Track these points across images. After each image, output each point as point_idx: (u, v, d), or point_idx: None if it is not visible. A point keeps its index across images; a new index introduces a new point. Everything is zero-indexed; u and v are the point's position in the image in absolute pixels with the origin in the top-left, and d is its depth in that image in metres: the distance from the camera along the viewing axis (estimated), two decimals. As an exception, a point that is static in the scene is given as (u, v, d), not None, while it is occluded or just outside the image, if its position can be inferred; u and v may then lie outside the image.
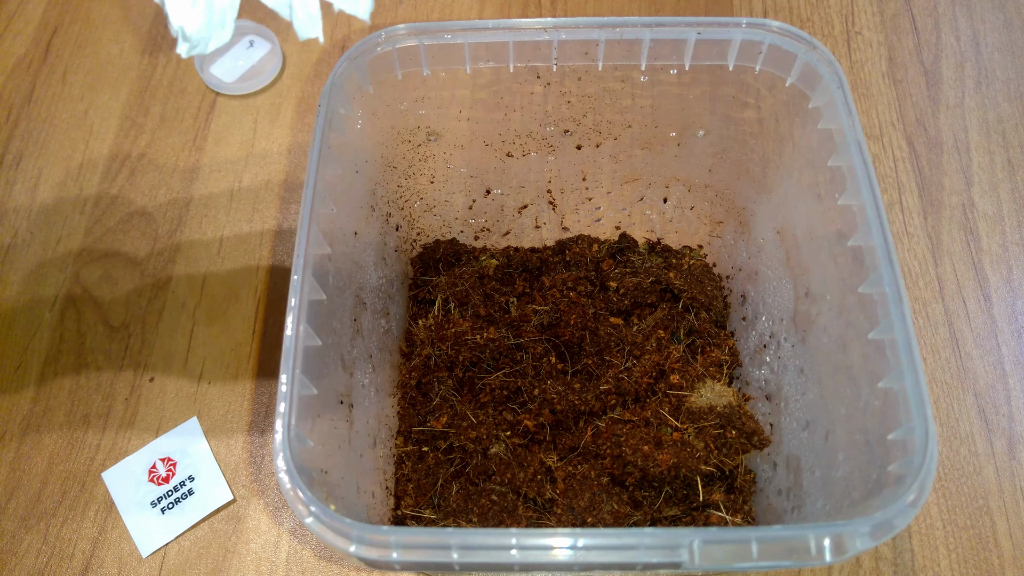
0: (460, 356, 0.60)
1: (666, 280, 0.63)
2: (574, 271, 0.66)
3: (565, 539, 0.36)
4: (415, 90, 0.56)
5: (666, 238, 0.68)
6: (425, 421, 0.58)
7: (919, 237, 0.69)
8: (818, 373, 0.51)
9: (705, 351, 0.61)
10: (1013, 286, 0.67)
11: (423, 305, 0.65)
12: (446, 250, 0.67)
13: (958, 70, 0.78)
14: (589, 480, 0.55)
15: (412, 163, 0.62)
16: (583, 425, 0.58)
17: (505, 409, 0.58)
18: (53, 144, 0.75)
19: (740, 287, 0.64)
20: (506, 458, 0.56)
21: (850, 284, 0.46)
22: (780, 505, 0.52)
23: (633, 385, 0.58)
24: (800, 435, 0.52)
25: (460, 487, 0.55)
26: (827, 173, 0.49)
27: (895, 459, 0.40)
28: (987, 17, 0.81)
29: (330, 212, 0.48)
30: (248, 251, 0.69)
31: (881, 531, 0.36)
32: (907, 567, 0.56)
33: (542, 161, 0.63)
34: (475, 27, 0.51)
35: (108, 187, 0.72)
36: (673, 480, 0.54)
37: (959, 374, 0.63)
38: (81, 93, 0.78)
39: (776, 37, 0.51)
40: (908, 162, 0.72)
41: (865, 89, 0.77)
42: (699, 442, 0.54)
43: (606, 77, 0.56)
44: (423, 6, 0.83)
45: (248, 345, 0.65)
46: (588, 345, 0.60)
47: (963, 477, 0.59)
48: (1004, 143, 0.74)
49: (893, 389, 0.41)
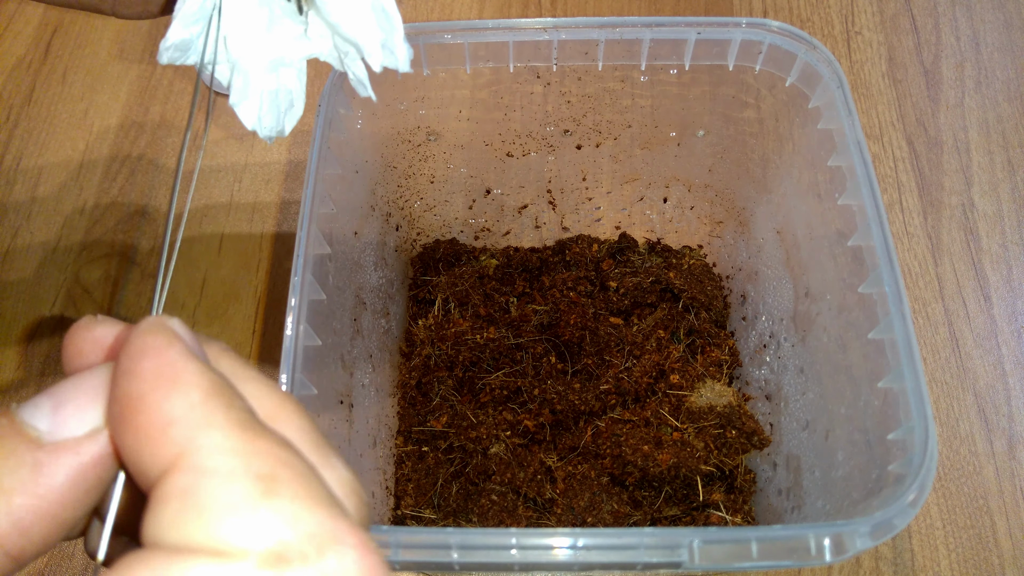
0: (460, 356, 0.60)
1: (666, 280, 0.63)
2: (574, 271, 0.66)
3: (565, 539, 0.36)
4: (415, 90, 0.56)
5: (666, 238, 0.68)
6: (425, 421, 0.58)
7: (919, 237, 0.69)
8: (818, 373, 0.51)
9: (705, 351, 0.61)
10: (1013, 286, 0.67)
11: (423, 305, 0.65)
12: (446, 250, 0.67)
13: (958, 70, 0.78)
14: (589, 480, 0.55)
15: (412, 163, 0.62)
16: (583, 425, 0.58)
17: (505, 409, 0.58)
18: (53, 144, 0.75)
19: (740, 287, 0.64)
20: (506, 458, 0.56)
21: (850, 284, 0.46)
22: (780, 505, 0.52)
23: (633, 385, 0.58)
24: (800, 435, 0.52)
25: (460, 487, 0.55)
26: (827, 173, 0.49)
27: (895, 459, 0.40)
28: (987, 17, 0.81)
29: (330, 212, 0.48)
30: (248, 251, 0.69)
31: (881, 531, 0.36)
32: (907, 567, 0.56)
33: (542, 161, 0.63)
34: (475, 27, 0.51)
35: (108, 187, 0.72)
36: (673, 480, 0.54)
37: (959, 374, 0.63)
38: (81, 93, 0.78)
39: (776, 37, 0.51)
40: (908, 162, 0.72)
41: (865, 89, 0.77)
42: (699, 442, 0.54)
43: (606, 77, 0.56)
44: (423, 6, 0.83)
45: (248, 345, 0.65)
46: (588, 345, 0.60)
47: (963, 477, 0.59)
48: (1004, 143, 0.74)
49: (893, 389, 0.41)
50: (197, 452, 0.17)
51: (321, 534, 0.17)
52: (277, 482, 0.17)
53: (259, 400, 0.20)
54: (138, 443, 0.18)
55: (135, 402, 0.18)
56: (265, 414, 0.20)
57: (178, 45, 0.32)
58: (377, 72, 0.35)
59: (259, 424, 0.19)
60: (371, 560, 0.17)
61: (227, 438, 0.18)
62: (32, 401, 0.20)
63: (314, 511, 0.17)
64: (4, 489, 0.18)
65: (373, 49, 0.34)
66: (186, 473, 0.17)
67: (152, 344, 0.19)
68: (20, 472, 0.18)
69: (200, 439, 0.18)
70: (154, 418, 0.18)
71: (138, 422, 0.18)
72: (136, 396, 0.18)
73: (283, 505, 0.17)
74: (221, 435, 0.18)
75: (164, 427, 0.18)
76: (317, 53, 0.36)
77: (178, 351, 0.19)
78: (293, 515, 0.17)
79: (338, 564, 0.17)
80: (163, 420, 0.18)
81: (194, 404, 0.18)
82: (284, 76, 0.36)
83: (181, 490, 0.17)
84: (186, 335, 0.20)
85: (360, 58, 0.36)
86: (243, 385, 0.20)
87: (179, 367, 0.19)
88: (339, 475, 0.20)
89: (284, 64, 0.35)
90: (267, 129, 0.36)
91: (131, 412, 0.18)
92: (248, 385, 0.21)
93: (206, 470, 0.17)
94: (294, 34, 0.35)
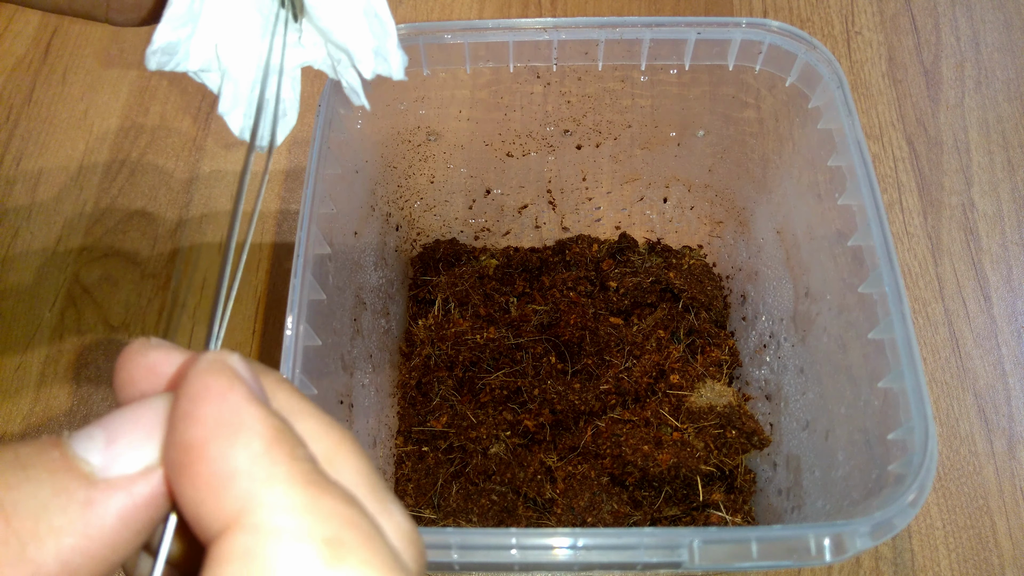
0: (460, 356, 0.60)
1: (666, 280, 0.63)
2: (574, 271, 0.66)
3: (565, 539, 0.36)
4: (415, 90, 0.56)
5: (666, 238, 0.68)
6: (425, 421, 0.58)
7: (919, 237, 0.69)
8: (818, 373, 0.51)
9: (705, 351, 0.61)
10: (1013, 286, 0.67)
11: (423, 305, 0.65)
12: (446, 250, 0.67)
13: (958, 70, 0.78)
14: (589, 480, 0.55)
15: (412, 163, 0.62)
16: (583, 425, 0.58)
17: (505, 409, 0.58)
18: (53, 144, 0.75)
19: (740, 287, 0.64)
20: (506, 458, 0.56)
21: (850, 284, 0.46)
22: (780, 505, 0.52)
23: (633, 385, 0.58)
24: (800, 435, 0.52)
25: (460, 487, 0.55)
26: (827, 173, 0.49)
27: (895, 459, 0.40)
28: (987, 17, 0.81)
29: (330, 212, 0.48)
30: (248, 251, 0.69)
31: (881, 531, 0.36)
32: (907, 567, 0.56)
33: (542, 161, 0.63)
34: (475, 27, 0.51)
35: (108, 187, 0.72)
36: (673, 480, 0.54)
37: (959, 374, 0.63)
38: (81, 93, 0.78)
39: (776, 37, 0.51)
40: (908, 162, 0.72)
41: (865, 89, 0.77)
42: (699, 442, 0.54)
43: (606, 77, 0.56)
44: (423, 6, 0.83)
45: (248, 345, 0.65)
46: (588, 345, 0.60)
47: (963, 477, 0.59)
48: (1004, 143, 0.74)
49: (893, 389, 0.41)
50: (260, 509, 0.17)
51: None
52: (343, 548, 0.17)
53: (317, 441, 0.19)
54: (198, 494, 0.17)
55: (195, 451, 0.18)
56: (323, 456, 0.19)
57: (165, 48, 0.32)
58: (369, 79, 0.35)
59: (322, 477, 0.18)
60: None
61: (291, 495, 0.17)
62: (85, 432, 0.19)
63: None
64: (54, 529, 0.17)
65: (364, 56, 0.34)
66: (249, 533, 0.17)
67: (214, 386, 0.18)
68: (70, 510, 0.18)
69: (263, 495, 0.17)
70: (215, 469, 0.17)
71: (198, 472, 0.17)
72: (197, 444, 0.18)
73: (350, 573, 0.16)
74: (285, 492, 0.17)
75: (226, 480, 0.17)
76: (311, 61, 0.36)
77: (240, 395, 0.18)
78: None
79: None
80: (225, 472, 0.17)
81: (257, 455, 0.17)
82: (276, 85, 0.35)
83: (244, 551, 0.16)
84: (246, 373, 0.19)
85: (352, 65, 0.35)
86: (301, 423, 0.20)
87: (242, 413, 0.18)
88: (397, 524, 0.19)
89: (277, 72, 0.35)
90: (259, 138, 0.35)
91: (191, 461, 0.18)
92: (306, 423, 0.20)
93: (270, 531, 0.17)
94: (288, 42, 0.35)
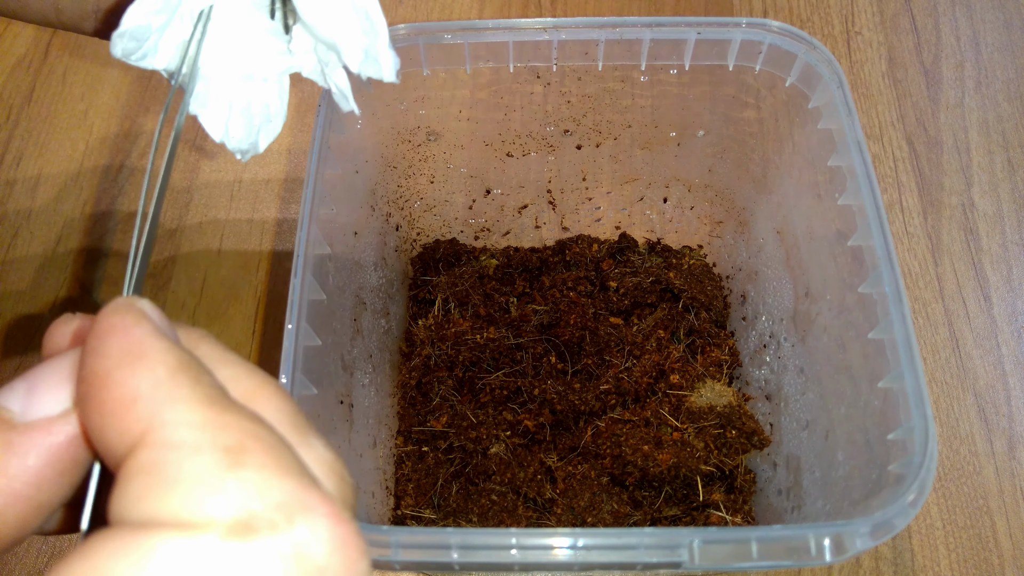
0: (460, 356, 0.60)
1: (666, 280, 0.63)
2: (574, 271, 0.66)
3: (565, 539, 0.36)
4: (415, 90, 0.56)
5: (666, 238, 0.68)
6: (425, 421, 0.58)
7: (919, 237, 0.69)
8: (818, 373, 0.51)
9: (705, 351, 0.61)
10: (1013, 286, 0.67)
11: (423, 305, 0.65)
12: (446, 250, 0.67)
13: (958, 70, 0.78)
14: (589, 480, 0.55)
15: (412, 163, 0.62)
16: (583, 425, 0.58)
17: (505, 409, 0.58)
18: (53, 144, 0.75)
19: (740, 287, 0.64)
20: (506, 458, 0.56)
21: (850, 284, 0.46)
22: (780, 505, 0.52)
23: (633, 385, 0.58)
24: (800, 435, 0.52)
25: (460, 487, 0.55)
26: (827, 173, 0.49)
27: (895, 459, 0.40)
28: (987, 17, 0.81)
29: (330, 212, 0.48)
30: (248, 251, 0.69)
31: (881, 531, 0.36)
32: (907, 567, 0.56)
33: (542, 161, 0.63)
34: (475, 27, 0.51)
35: (108, 187, 0.72)
36: (673, 480, 0.54)
37: (959, 374, 0.63)
38: (81, 93, 0.78)
39: (776, 37, 0.51)
40: (908, 162, 0.72)
41: (865, 89, 0.77)
42: (699, 442, 0.54)
43: (606, 77, 0.56)
44: (423, 6, 0.83)
45: (248, 345, 0.65)
46: (588, 345, 0.60)
47: (963, 477, 0.59)
48: (1004, 143, 0.74)
49: (893, 389, 0.41)
50: (162, 427, 0.17)
51: (290, 503, 0.17)
52: (244, 453, 0.17)
53: (237, 382, 0.20)
54: (103, 421, 0.18)
55: (100, 380, 0.18)
56: (242, 395, 0.20)
57: (133, 33, 0.29)
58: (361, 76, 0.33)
59: (228, 399, 0.18)
60: (344, 529, 0.17)
61: (193, 412, 0.17)
62: (8, 385, 0.20)
63: (283, 481, 0.17)
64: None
65: (352, 52, 0.32)
66: (151, 448, 0.17)
67: (119, 323, 0.19)
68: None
69: (165, 414, 0.17)
70: (119, 395, 0.18)
71: (103, 399, 0.18)
72: (101, 374, 0.18)
73: (250, 475, 0.17)
74: (186, 409, 0.17)
75: (129, 403, 0.17)
76: (299, 68, 0.35)
77: (145, 330, 0.19)
78: (260, 485, 0.17)
79: (309, 532, 0.16)
80: (128, 396, 0.18)
81: (160, 380, 0.18)
82: (261, 90, 0.34)
83: (146, 465, 0.17)
84: (155, 315, 0.19)
85: (342, 67, 0.34)
86: (221, 368, 0.20)
87: (145, 344, 0.18)
88: (318, 454, 0.20)
89: (262, 78, 0.34)
90: (237, 142, 0.34)
91: (96, 390, 0.18)
92: (227, 368, 0.20)
93: (171, 444, 0.17)
94: (276, 49, 0.34)
